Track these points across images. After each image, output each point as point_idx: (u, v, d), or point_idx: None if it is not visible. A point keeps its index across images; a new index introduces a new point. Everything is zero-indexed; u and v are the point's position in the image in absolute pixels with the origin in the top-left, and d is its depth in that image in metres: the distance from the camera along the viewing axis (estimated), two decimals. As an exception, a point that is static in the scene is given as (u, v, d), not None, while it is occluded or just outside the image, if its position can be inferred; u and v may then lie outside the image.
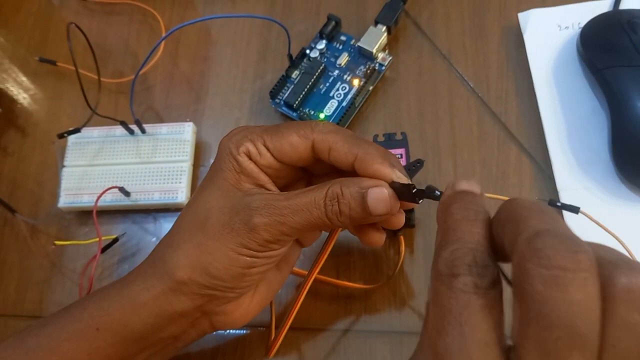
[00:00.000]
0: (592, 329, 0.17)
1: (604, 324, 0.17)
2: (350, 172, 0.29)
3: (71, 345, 0.29)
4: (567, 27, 0.43)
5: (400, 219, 0.31)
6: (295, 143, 0.29)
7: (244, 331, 0.38)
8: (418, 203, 0.28)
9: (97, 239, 0.39)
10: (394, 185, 0.28)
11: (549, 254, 0.17)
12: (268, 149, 0.30)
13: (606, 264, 0.18)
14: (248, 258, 0.29)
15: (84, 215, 0.43)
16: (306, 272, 0.33)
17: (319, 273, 0.34)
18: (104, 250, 0.40)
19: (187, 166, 0.42)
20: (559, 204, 0.36)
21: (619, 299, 0.17)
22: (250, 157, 0.30)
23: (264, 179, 0.30)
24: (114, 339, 0.30)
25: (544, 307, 0.17)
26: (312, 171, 0.33)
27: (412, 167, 0.33)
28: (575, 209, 0.35)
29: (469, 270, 0.20)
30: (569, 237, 0.18)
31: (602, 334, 0.17)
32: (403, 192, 0.28)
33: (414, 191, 0.27)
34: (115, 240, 0.41)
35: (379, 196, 0.27)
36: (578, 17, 0.43)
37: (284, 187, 0.32)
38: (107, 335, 0.29)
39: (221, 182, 0.30)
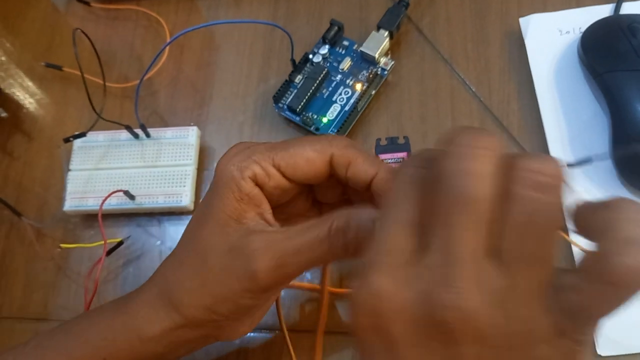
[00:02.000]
0: (483, 198, 0.19)
1: (502, 201, 0.19)
2: (357, 191, 0.29)
3: None
4: (567, 32, 0.43)
5: None
6: (311, 158, 0.28)
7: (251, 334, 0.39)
8: None
9: (102, 242, 0.39)
10: None
11: (456, 135, 0.20)
12: (278, 168, 0.28)
13: (512, 154, 0.20)
14: (250, 300, 0.28)
15: (89, 218, 0.44)
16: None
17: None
18: (108, 253, 0.40)
19: (191, 170, 0.42)
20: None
21: (516, 177, 0.19)
22: (256, 182, 0.28)
23: (265, 207, 0.28)
24: None
25: (444, 177, 0.19)
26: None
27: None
28: (588, 160, 0.36)
29: (412, 163, 0.21)
30: (483, 130, 0.20)
31: (498, 210, 0.19)
32: None
33: None
34: (120, 243, 0.41)
35: None
36: (579, 22, 0.43)
37: (284, 204, 0.31)
38: None
39: (220, 216, 0.28)
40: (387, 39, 0.44)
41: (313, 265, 0.28)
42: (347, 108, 0.42)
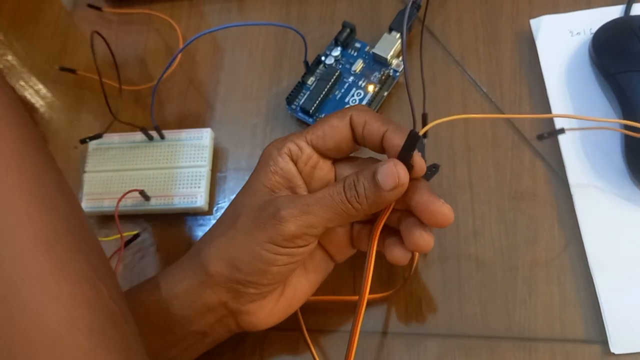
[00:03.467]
0: None
1: None
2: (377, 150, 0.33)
3: None
4: (578, 33, 0.43)
5: (428, 241, 0.32)
6: (335, 124, 0.32)
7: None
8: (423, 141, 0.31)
9: (119, 236, 0.40)
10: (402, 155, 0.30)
11: None
12: (310, 142, 0.32)
13: None
14: (271, 254, 0.30)
15: (105, 219, 0.44)
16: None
17: (332, 293, 0.37)
18: (126, 245, 0.41)
19: (205, 171, 0.43)
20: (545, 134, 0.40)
21: None
22: (291, 157, 0.32)
23: (299, 182, 0.32)
24: (148, 328, 0.31)
25: None
26: None
27: (428, 172, 0.34)
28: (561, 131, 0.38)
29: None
30: None
31: None
32: (409, 144, 0.30)
33: (416, 132, 0.30)
34: (137, 235, 0.42)
35: (387, 169, 0.29)
36: (589, 23, 0.43)
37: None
38: (141, 324, 0.30)
39: (257, 185, 0.32)
40: (399, 41, 0.44)
41: (334, 216, 0.30)
42: (359, 109, 0.43)
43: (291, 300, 0.34)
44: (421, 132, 0.30)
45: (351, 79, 0.44)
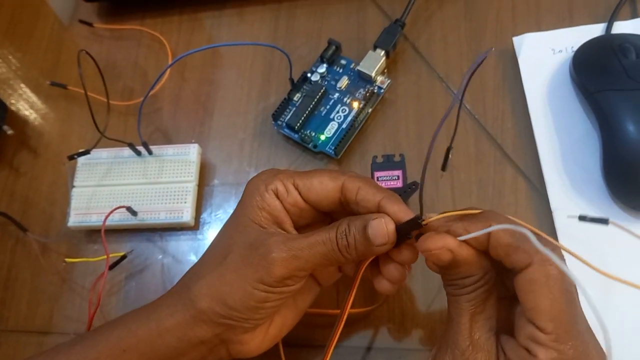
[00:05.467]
0: None
1: None
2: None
3: None
4: (560, 51, 0.44)
5: (402, 273, 0.32)
6: (325, 182, 0.32)
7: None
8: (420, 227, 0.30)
9: (106, 257, 0.40)
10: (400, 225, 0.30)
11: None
12: (297, 188, 0.32)
13: None
14: (263, 293, 0.30)
15: (93, 233, 0.45)
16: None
17: (316, 306, 0.36)
18: (112, 267, 0.41)
19: (192, 186, 0.43)
20: (588, 217, 0.37)
21: None
22: (277, 195, 0.32)
23: (285, 219, 0.32)
24: (138, 358, 0.31)
25: None
26: (335, 216, 0.34)
27: (407, 190, 0.34)
28: (604, 221, 0.36)
29: None
30: None
31: None
32: (409, 225, 0.30)
33: (419, 221, 0.30)
34: (123, 257, 0.42)
35: (378, 227, 0.30)
36: (571, 41, 0.44)
37: (304, 228, 0.34)
38: (132, 356, 0.31)
39: (244, 219, 0.32)
40: (384, 58, 0.45)
41: (324, 262, 0.30)
42: (344, 126, 0.43)
43: (281, 327, 0.34)
44: (425, 222, 0.30)
45: (336, 95, 0.45)
